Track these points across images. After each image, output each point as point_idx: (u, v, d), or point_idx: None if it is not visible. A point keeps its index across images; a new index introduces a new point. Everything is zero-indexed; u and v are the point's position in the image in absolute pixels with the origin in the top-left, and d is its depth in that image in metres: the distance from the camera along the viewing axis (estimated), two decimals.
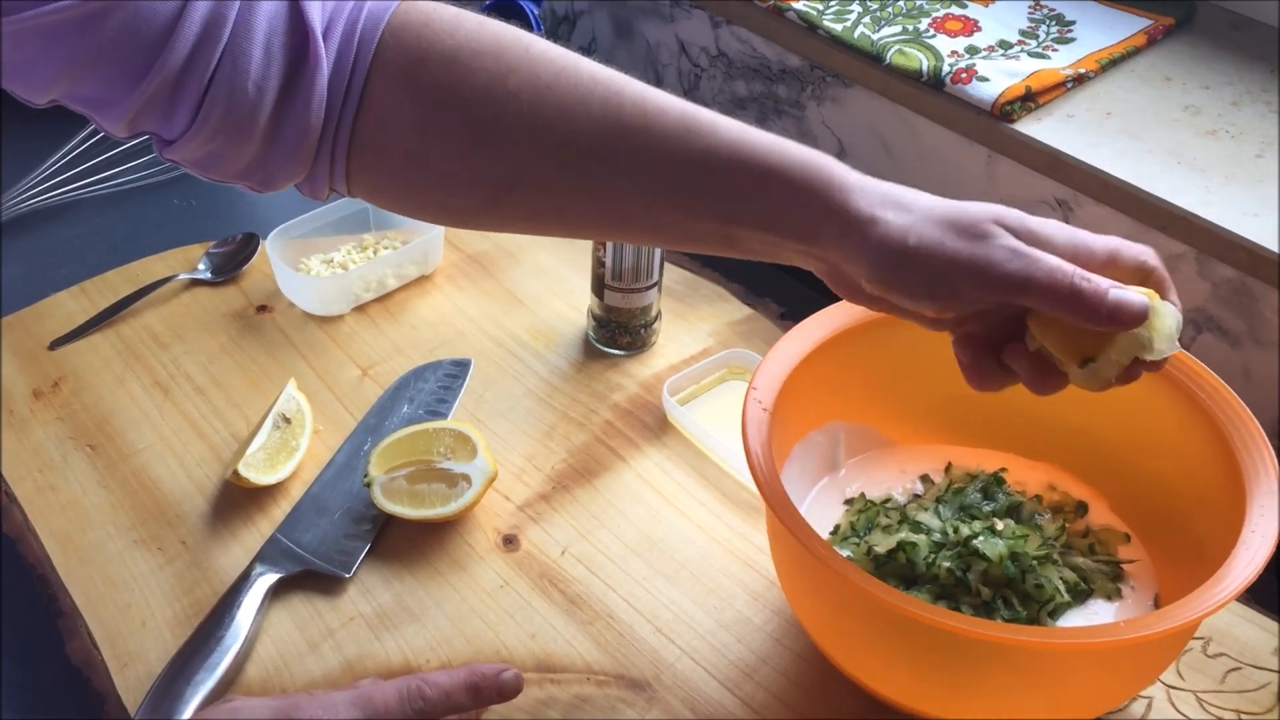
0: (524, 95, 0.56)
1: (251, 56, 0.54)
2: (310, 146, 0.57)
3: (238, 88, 0.54)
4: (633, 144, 0.56)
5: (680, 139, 0.56)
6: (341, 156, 0.58)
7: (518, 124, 0.56)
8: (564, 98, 0.56)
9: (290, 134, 0.56)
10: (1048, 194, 0.90)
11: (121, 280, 0.95)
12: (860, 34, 0.96)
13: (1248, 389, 0.83)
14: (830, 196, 0.54)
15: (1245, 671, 0.68)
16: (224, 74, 0.54)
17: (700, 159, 0.56)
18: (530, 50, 0.57)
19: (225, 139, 0.56)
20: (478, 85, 0.56)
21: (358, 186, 0.60)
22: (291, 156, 0.57)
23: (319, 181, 0.59)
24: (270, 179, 0.59)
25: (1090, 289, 0.52)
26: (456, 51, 0.56)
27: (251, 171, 0.58)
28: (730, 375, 0.88)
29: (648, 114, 0.56)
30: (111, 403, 0.85)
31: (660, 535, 0.77)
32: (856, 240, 0.54)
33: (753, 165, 0.55)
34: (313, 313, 0.93)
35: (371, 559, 0.75)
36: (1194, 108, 0.90)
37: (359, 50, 0.56)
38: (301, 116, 0.56)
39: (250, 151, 0.57)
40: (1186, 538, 0.67)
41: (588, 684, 0.68)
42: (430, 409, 0.84)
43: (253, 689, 0.67)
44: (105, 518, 0.77)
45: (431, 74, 0.56)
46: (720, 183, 0.56)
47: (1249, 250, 0.78)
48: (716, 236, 0.58)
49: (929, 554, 0.66)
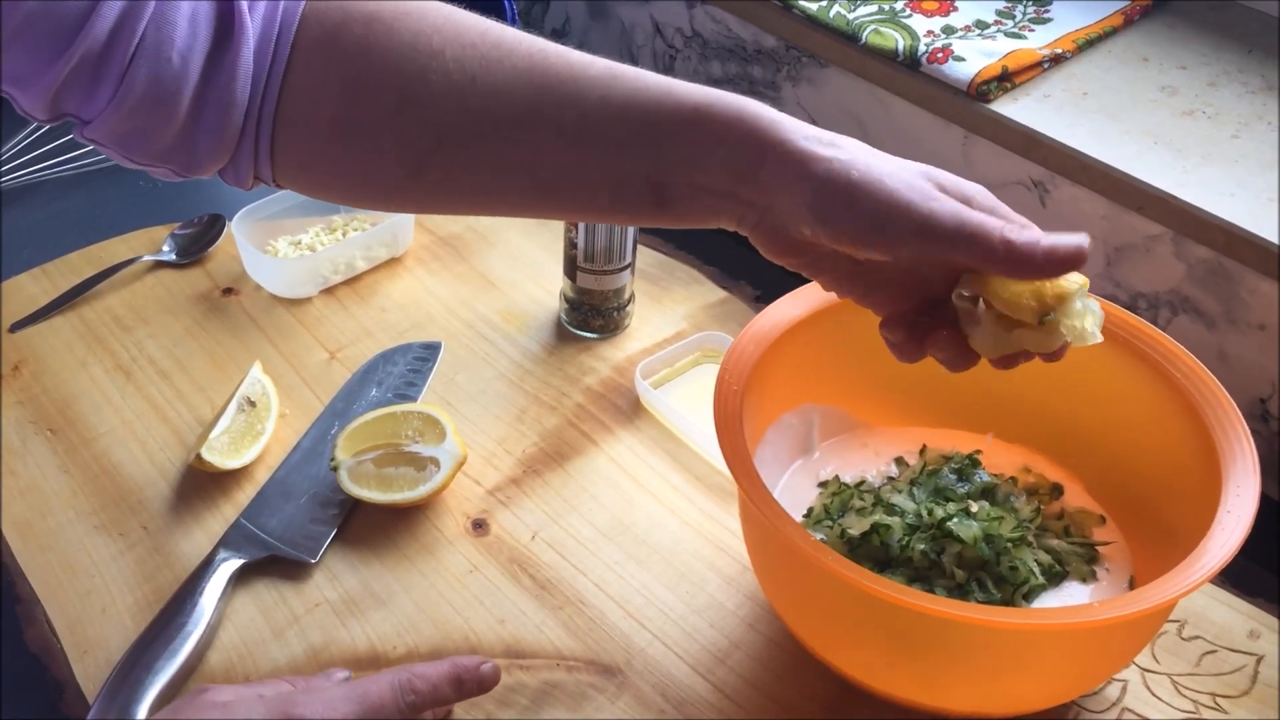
0: (448, 52, 0.55)
1: (177, 25, 0.53)
2: (235, 122, 0.56)
3: (162, 58, 0.53)
4: (557, 95, 0.55)
5: (605, 85, 0.55)
6: (266, 133, 0.57)
7: (442, 81, 0.55)
8: (489, 53, 0.55)
9: (215, 108, 0.55)
10: (1024, 175, 0.90)
11: (84, 262, 0.93)
12: (836, 13, 0.95)
13: (1224, 370, 0.82)
14: (765, 132, 0.53)
15: (1220, 654, 0.68)
16: (148, 44, 0.53)
17: (626, 103, 0.54)
18: (454, 13, 0.57)
19: (148, 113, 0.55)
20: (401, 42, 0.55)
21: (282, 167, 0.58)
22: (216, 134, 0.56)
23: (243, 164, 0.58)
24: (194, 160, 0.57)
25: (1023, 238, 0.50)
26: (378, 11, 0.56)
27: (174, 152, 0.57)
28: (704, 358, 0.87)
29: (573, 66, 0.55)
30: (73, 386, 0.83)
31: (632, 519, 0.76)
32: (796, 174, 0.52)
33: (682, 106, 0.54)
34: (280, 295, 0.91)
35: (338, 544, 0.73)
36: (1171, 88, 0.89)
37: (282, 22, 0.56)
38: (227, 89, 0.55)
39: (174, 128, 0.55)
40: (1162, 520, 0.66)
41: (558, 669, 0.67)
42: (399, 392, 0.83)
43: (215, 677, 0.66)
44: (65, 503, 0.75)
45: (353, 35, 0.55)
46: (649, 127, 0.54)
47: (1225, 230, 0.77)
48: (646, 189, 0.56)
49: (903, 536, 0.66)
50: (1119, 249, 0.87)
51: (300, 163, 0.59)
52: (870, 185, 0.52)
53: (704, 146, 0.54)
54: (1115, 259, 0.87)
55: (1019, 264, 0.51)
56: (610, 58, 0.57)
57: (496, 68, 0.55)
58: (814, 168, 0.52)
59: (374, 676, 0.59)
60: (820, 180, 0.52)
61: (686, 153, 0.54)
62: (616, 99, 0.55)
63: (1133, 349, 0.68)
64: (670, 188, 0.56)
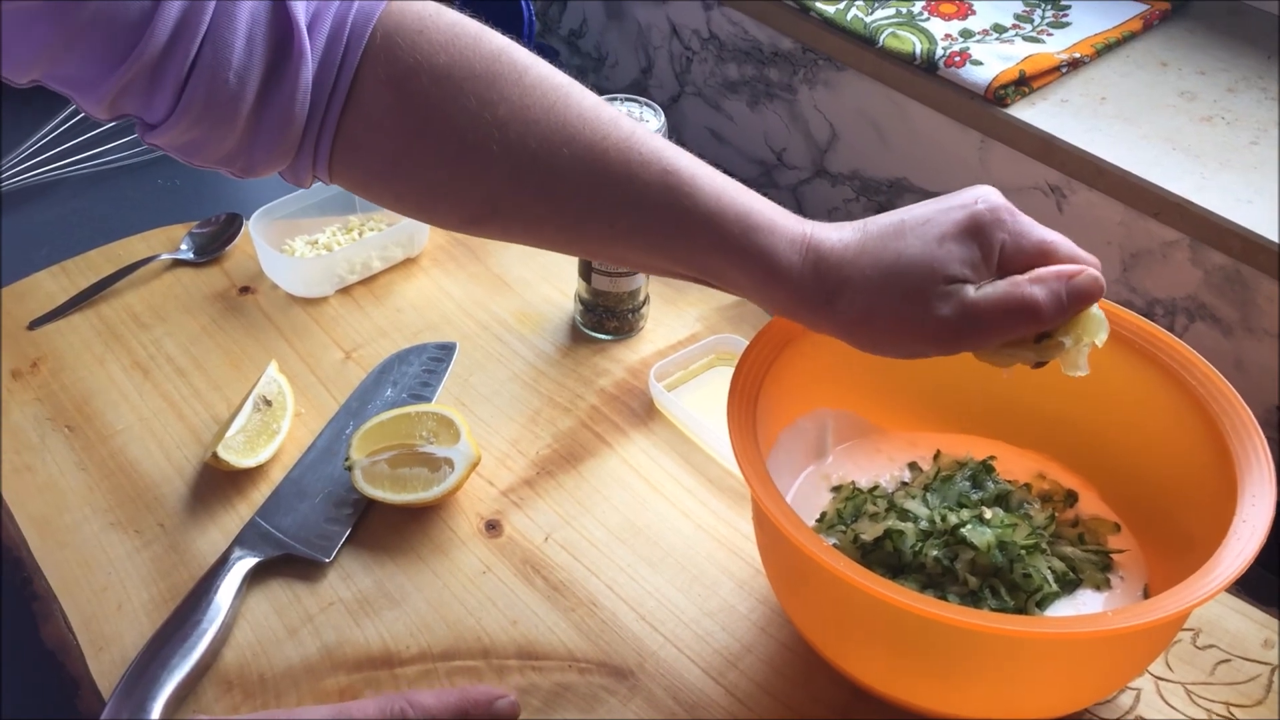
0: (511, 127, 0.56)
1: (233, 46, 0.54)
2: (293, 138, 0.57)
3: (219, 76, 0.54)
4: (611, 194, 0.57)
5: (661, 196, 0.57)
6: (325, 150, 0.58)
7: (502, 154, 0.56)
8: (551, 136, 0.56)
9: (272, 125, 0.56)
10: (1041, 179, 0.89)
11: (103, 260, 0.94)
12: (853, 17, 0.95)
13: (1240, 378, 0.82)
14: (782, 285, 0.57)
15: (1235, 663, 0.68)
16: (205, 62, 0.54)
17: (677, 222, 0.57)
18: (523, 79, 0.57)
19: (207, 127, 0.56)
20: (467, 109, 0.56)
21: (341, 179, 0.60)
22: (273, 147, 0.57)
23: (302, 171, 0.60)
24: (252, 167, 0.59)
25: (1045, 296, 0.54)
26: (450, 69, 0.56)
27: (234, 159, 0.59)
28: (718, 361, 0.87)
29: (630, 165, 0.57)
30: (91, 383, 0.84)
31: (645, 522, 0.76)
32: (822, 316, 0.57)
33: (722, 236, 0.57)
34: (296, 294, 0.92)
35: (352, 544, 0.74)
36: (1189, 93, 0.89)
37: (348, 46, 0.56)
38: (285, 109, 0.56)
39: (232, 140, 0.57)
40: (1177, 528, 0.66)
41: (570, 672, 0.67)
42: (414, 393, 0.83)
43: (230, 675, 0.66)
44: (82, 500, 0.76)
45: (422, 88, 0.56)
46: (696, 247, 0.58)
47: (1243, 237, 0.77)
48: (687, 278, 0.61)
49: (916, 542, 0.65)
50: (1135, 255, 0.86)
51: (356, 181, 0.61)
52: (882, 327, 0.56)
53: (740, 277, 0.58)
54: (1132, 265, 0.87)
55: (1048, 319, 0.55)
56: (627, 59, 0.58)
57: (557, 152, 0.57)
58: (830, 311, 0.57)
59: (364, 701, 0.58)
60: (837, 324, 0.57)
61: (726, 275, 0.59)
62: (673, 214, 0.57)
63: (1148, 356, 0.68)
64: (709, 283, 0.61)
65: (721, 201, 0.57)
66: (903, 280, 0.55)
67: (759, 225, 0.57)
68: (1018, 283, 0.54)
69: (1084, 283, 0.54)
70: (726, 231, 0.57)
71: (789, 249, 0.57)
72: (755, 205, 0.57)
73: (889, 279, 0.55)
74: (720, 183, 0.58)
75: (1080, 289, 0.54)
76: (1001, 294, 0.54)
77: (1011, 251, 0.55)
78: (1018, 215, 0.56)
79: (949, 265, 0.54)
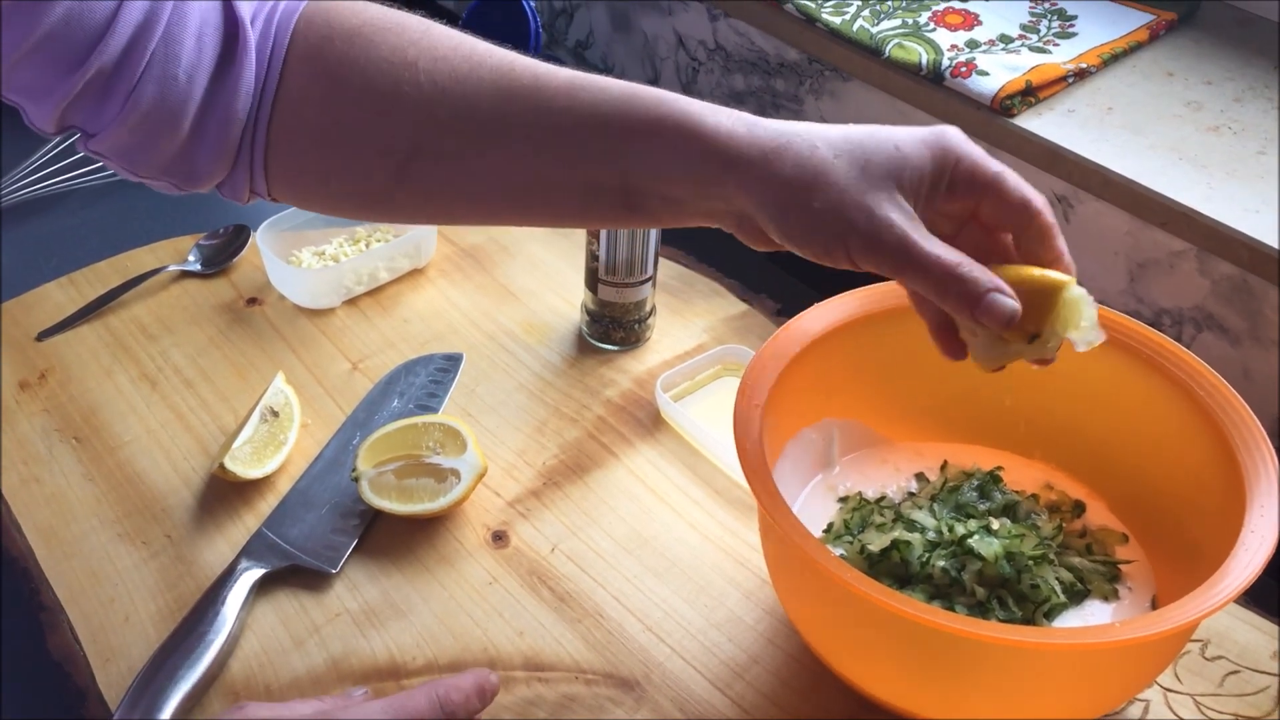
0: (421, 63, 0.57)
1: (184, 44, 0.55)
2: (234, 137, 0.58)
3: (170, 75, 0.55)
4: (525, 105, 0.57)
5: (568, 95, 0.56)
6: (260, 147, 0.59)
7: (416, 92, 0.57)
8: (459, 66, 0.57)
9: (217, 124, 0.57)
10: (1047, 189, 0.89)
11: (110, 271, 0.94)
12: (859, 27, 0.95)
13: (1248, 388, 0.82)
14: (719, 144, 0.54)
15: (1244, 675, 0.67)
16: (157, 61, 0.55)
17: (589, 113, 0.56)
18: (431, 28, 0.59)
19: (152, 129, 0.56)
20: (379, 56, 0.58)
21: (275, 179, 0.60)
22: (216, 149, 0.58)
23: (239, 178, 0.60)
24: (194, 174, 0.59)
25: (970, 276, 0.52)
26: (360, 27, 0.58)
27: (176, 166, 0.59)
28: (725, 371, 0.87)
29: (538, 77, 0.57)
30: (98, 395, 0.84)
31: (652, 532, 0.76)
32: (757, 195, 0.54)
33: (639, 117, 0.55)
34: (303, 305, 0.92)
35: (359, 554, 0.74)
36: (1196, 103, 0.89)
37: (275, 40, 0.58)
38: (229, 106, 0.57)
39: (177, 143, 0.57)
40: (1185, 538, 0.66)
41: (576, 683, 0.67)
42: (421, 403, 0.83)
43: (236, 686, 0.66)
44: (90, 511, 0.76)
45: (336, 49, 0.58)
46: (611, 137, 0.56)
47: (1250, 247, 0.77)
48: (616, 196, 0.57)
49: (923, 553, 0.65)
50: (1143, 265, 0.86)
51: (291, 174, 0.61)
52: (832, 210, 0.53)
53: (665, 157, 0.55)
54: (1139, 275, 0.87)
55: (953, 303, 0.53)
56: (634, 70, 0.58)
57: (465, 79, 0.57)
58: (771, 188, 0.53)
59: (409, 691, 0.60)
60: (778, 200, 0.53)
61: (649, 163, 0.56)
62: (580, 109, 0.56)
63: (1156, 366, 0.67)
64: (639, 194, 0.57)
65: (634, 89, 0.56)
66: (868, 155, 0.53)
67: (678, 96, 0.56)
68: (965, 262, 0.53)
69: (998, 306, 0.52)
70: (641, 107, 0.55)
71: (714, 111, 0.55)
72: (667, 92, 0.56)
73: (852, 147, 0.53)
74: (633, 84, 0.57)
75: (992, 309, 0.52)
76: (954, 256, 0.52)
77: (965, 173, 0.54)
78: (976, 146, 0.56)
79: (910, 163, 0.53)
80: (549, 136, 0.57)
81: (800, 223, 0.53)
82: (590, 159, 0.57)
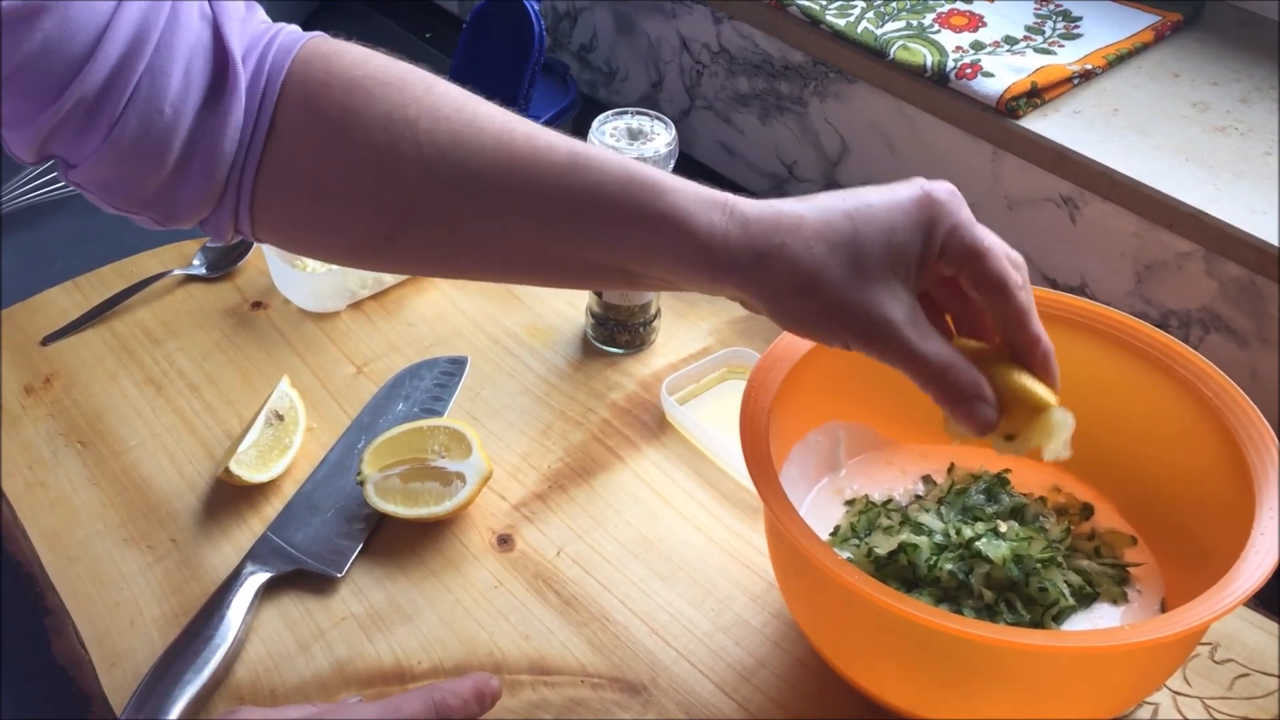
0: (422, 123, 0.56)
1: (171, 76, 0.53)
2: (220, 175, 0.56)
3: (154, 108, 0.53)
4: (525, 180, 0.56)
5: (570, 173, 0.56)
6: (248, 188, 0.57)
7: (414, 152, 0.56)
8: (460, 129, 0.56)
9: (202, 161, 0.55)
10: (1053, 191, 0.89)
11: (115, 276, 0.94)
12: (864, 29, 0.95)
13: (1256, 389, 0.82)
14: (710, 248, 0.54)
15: (1253, 678, 0.67)
16: (142, 93, 0.53)
17: (589, 197, 0.56)
18: (433, 87, 0.57)
19: (135, 162, 0.55)
20: (379, 111, 0.56)
21: (261, 223, 0.59)
22: (201, 186, 0.56)
23: (224, 218, 0.58)
24: (175, 210, 0.57)
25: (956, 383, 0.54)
26: (361, 80, 0.57)
27: (157, 201, 0.57)
28: (730, 374, 0.87)
29: (538, 149, 0.56)
30: (103, 399, 0.84)
31: (658, 536, 0.75)
32: (750, 280, 0.54)
33: (636, 208, 0.55)
34: (308, 309, 0.92)
35: (364, 558, 0.74)
36: (1202, 104, 0.88)
37: (269, 79, 0.56)
38: (216, 143, 0.55)
39: (159, 178, 0.56)
40: (1194, 541, 0.66)
41: (582, 686, 0.67)
42: (425, 407, 0.83)
43: (242, 690, 0.66)
44: (95, 515, 0.76)
45: (335, 99, 0.56)
46: (611, 224, 0.56)
47: (1257, 248, 0.76)
48: (615, 273, 0.58)
49: (931, 556, 0.65)
50: (1150, 266, 0.86)
51: (279, 220, 0.59)
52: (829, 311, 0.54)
53: (664, 254, 0.55)
54: (1146, 276, 0.86)
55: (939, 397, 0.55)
56: (638, 73, 0.57)
57: (466, 144, 0.56)
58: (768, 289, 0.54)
59: (405, 694, 0.60)
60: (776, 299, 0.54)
61: (648, 253, 0.56)
62: (580, 191, 0.56)
63: (1164, 367, 0.67)
64: (640, 276, 0.58)
65: (630, 172, 0.56)
66: (862, 249, 0.53)
67: (674, 188, 0.55)
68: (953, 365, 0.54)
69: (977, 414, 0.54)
70: (639, 198, 0.55)
71: (709, 208, 0.55)
72: (666, 175, 0.56)
73: (846, 240, 0.53)
74: (628, 161, 0.56)
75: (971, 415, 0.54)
76: (945, 359, 0.54)
77: (955, 244, 0.54)
78: (964, 206, 0.55)
79: (905, 251, 0.53)
80: (548, 215, 0.56)
81: (798, 319, 0.55)
82: (591, 242, 0.57)
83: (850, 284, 0.53)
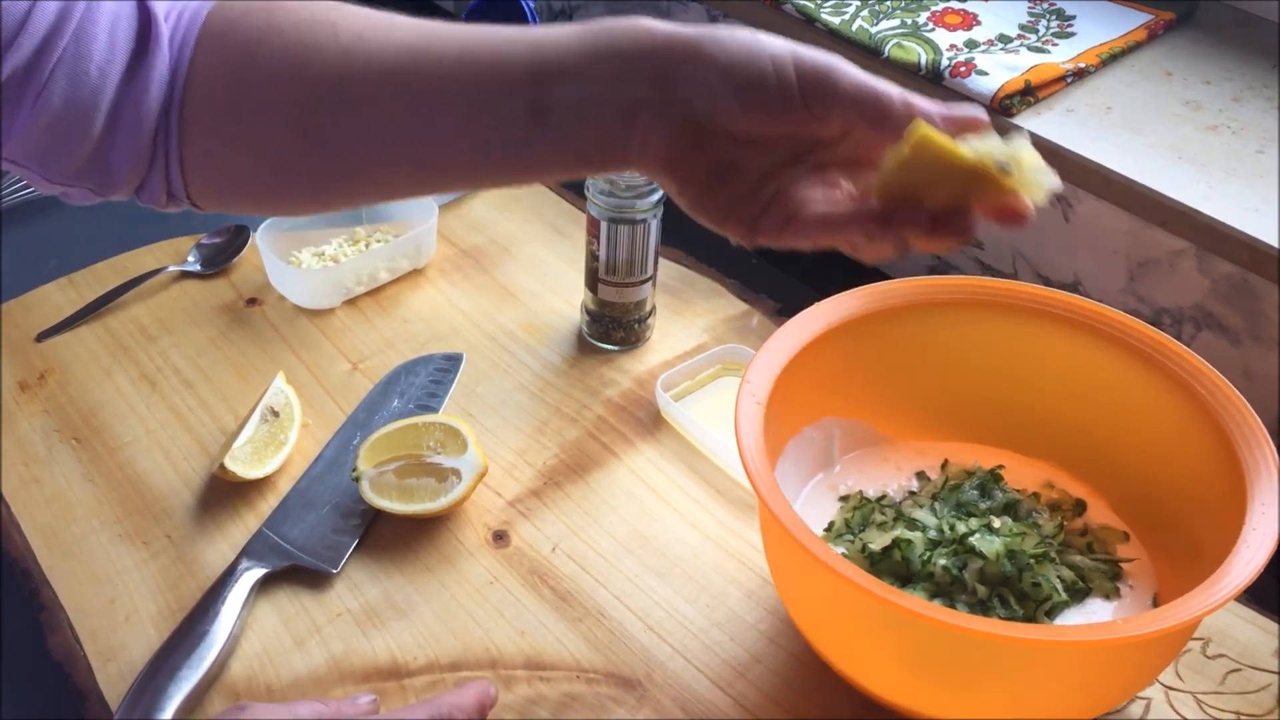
0: (340, 22, 0.56)
1: (96, 38, 0.54)
2: (148, 134, 0.56)
3: (80, 70, 0.54)
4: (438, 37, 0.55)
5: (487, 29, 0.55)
6: (175, 139, 0.57)
7: (331, 43, 0.56)
8: (378, 22, 0.56)
9: (129, 120, 0.56)
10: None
11: (110, 272, 0.94)
12: (859, 27, 0.95)
13: (1248, 386, 0.82)
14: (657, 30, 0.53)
15: (1245, 673, 0.67)
16: (68, 57, 0.53)
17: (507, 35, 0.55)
18: (345, 4, 0.58)
19: (63, 128, 0.55)
20: (299, 19, 0.57)
21: (190, 170, 0.59)
22: (130, 147, 0.56)
23: (155, 179, 0.58)
24: (109, 177, 0.58)
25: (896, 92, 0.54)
26: (274, 8, 0.57)
27: (90, 169, 0.57)
28: (725, 371, 0.87)
29: (459, 25, 0.56)
30: (98, 395, 0.84)
31: (653, 532, 0.76)
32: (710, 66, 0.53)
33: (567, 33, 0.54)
34: (303, 306, 0.92)
35: (359, 554, 0.74)
36: (1195, 103, 0.89)
37: (186, 29, 0.57)
38: (141, 101, 0.55)
39: (89, 143, 0.56)
40: (1186, 536, 0.66)
41: (578, 682, 0.67)
42: (421, 403, 0.83)
43: (237, 686, 0.66)
44: (90, 511, 0.76)
45: (253, 20, 0.57)
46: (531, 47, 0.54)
47: (1250, 246, 0.77)
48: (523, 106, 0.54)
49: (925, 551, 0.65)
50: (1142, 264, 0.86)
51: (201, 159, 0.58)
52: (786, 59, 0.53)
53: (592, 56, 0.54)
54: (1139, 274, 0.87)
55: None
56: None
57: (385, 31, 0.56)
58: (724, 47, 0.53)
59: (411, 706, 0.60)
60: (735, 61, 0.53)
61: (571, 64, 0.54)
62: (498, 33, 0.55)
63: (1157, 364, 0.67)
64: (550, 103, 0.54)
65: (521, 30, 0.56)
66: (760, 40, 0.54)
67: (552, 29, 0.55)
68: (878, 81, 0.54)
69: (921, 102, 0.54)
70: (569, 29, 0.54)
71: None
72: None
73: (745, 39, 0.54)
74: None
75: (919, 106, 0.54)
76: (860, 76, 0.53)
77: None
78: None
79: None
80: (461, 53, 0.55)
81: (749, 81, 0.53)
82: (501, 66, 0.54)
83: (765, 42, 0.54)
